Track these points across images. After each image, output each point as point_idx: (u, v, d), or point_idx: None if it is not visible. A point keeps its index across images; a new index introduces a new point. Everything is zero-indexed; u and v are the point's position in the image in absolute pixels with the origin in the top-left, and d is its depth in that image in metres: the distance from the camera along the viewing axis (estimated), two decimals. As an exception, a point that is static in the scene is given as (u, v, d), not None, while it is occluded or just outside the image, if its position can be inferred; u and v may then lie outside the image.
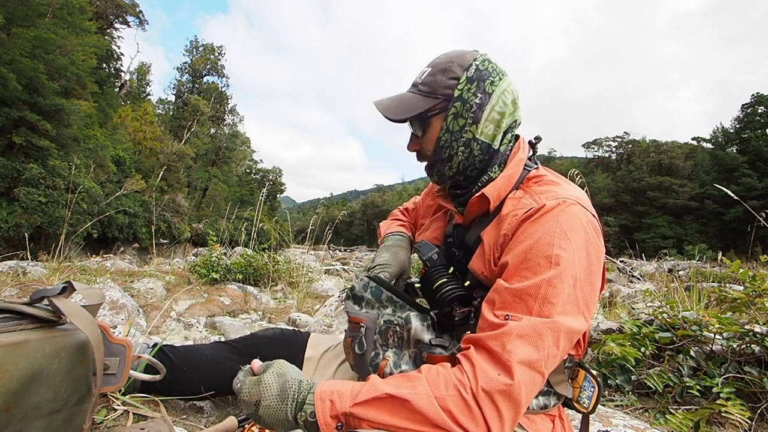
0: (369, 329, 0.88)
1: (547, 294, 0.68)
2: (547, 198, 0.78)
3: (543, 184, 0.85)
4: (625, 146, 53.87)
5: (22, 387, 0.65)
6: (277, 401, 0.69)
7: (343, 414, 0.67)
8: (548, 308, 0.68)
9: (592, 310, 0.75)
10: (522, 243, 0.75)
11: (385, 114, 0.88)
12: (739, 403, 1.45)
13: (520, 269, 0.72)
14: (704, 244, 28.22)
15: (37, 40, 15.85)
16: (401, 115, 0.87)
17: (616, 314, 2.84)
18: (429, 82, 0.87)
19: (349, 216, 65.71)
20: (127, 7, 29.04)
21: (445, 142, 0.87)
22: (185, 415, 1.14)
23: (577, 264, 0.72)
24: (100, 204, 16.55)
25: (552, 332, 0.67)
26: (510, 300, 0.70)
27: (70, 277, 2.81)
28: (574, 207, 0.76)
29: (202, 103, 35.71)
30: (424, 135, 0.90)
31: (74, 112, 17.29)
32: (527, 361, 0.65)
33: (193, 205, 30.97)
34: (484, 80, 0.85)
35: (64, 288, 0.75)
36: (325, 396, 0.69)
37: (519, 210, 0.80)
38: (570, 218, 0.74)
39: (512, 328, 0.66)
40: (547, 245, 0.71)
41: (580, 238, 0.73)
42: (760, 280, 1.93)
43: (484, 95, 0.85)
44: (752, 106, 43.63)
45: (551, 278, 0.69)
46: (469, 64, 0.86)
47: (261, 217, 5.02)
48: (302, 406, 0.68)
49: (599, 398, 0.87)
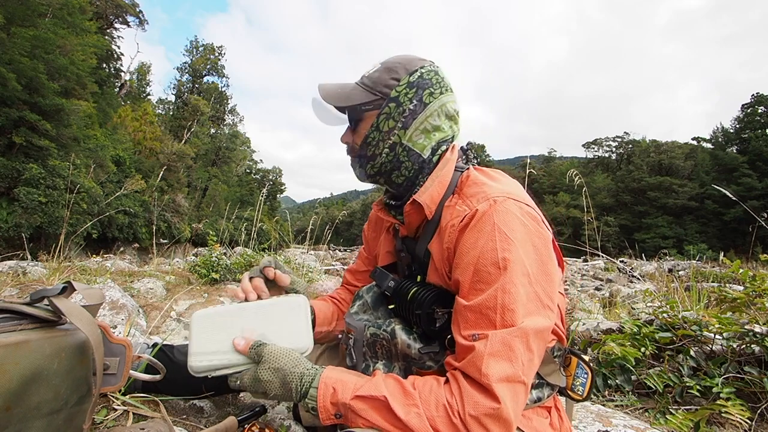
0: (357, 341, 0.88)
1: (504, 302, 0.68)
2: (478, 200, 0.77)
3: (472, 185, 0.84)
4: (625, 146, 53.89)
5: (22, 387, 0.64)
6: (282, 391, 0.74)
7: (342, 404, 0.69)
8: (510, 316, 0.67)
9: (554, 299, 0.75)
10: (466, 255, 0.74)
11: (325, 98, 0.87)
12: (739, 403, 1.45)
13: (473, 283, 0.72)
14: (704, 244, 28.24)
15: (37, 39, 15.85)
16: (338, 102, 0.87)
17: (616, 314, 2.83)
18: (373, 77, 0.86)
19: (349, 216, 65.65)
20: (127, 7, 29.04)
21: (372, 140, 0.86)
22: (185, 415, 1.14)
23: (526, 260, 0.71)
24: (100, 204, 16.55)
25: (521, 339, 0.67)
26: (472, 318, 0.70)
27: (70, 277, 2.81)
28: (505, 203, 0.75)
29: (202, 103, 35.72)
30: (356, 128, 0.89)
31: (74, 112, 17.30)
32: (505, 377, 0.65)
33: (193, 205, 30.96)
34: (424, 89, 0.84)
35: (64, 288, 0.75)
36: (330, 382, 0.72)
37: (455, 219, 0.79)
38: (505, 216, 0.73)
39: (481, 350, 0.66)
40: (491, 251, 0.71)
41: (520, 233, 0.73)
42: (760, 280, 1.93)
43: (419, 103, 0.84)
44: (752, 106, 43.65)
45: (504, 284, 0.68)
46: (414, 70, 0.85)
47: (261, 217, 5.01)
48: (306, 395, 0.72)
49: (593, 384, 0.87)
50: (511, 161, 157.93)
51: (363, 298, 0.95)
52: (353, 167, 0.94)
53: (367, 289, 0.95)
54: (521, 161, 56.41)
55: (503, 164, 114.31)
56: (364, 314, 0.92)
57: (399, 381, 0.71)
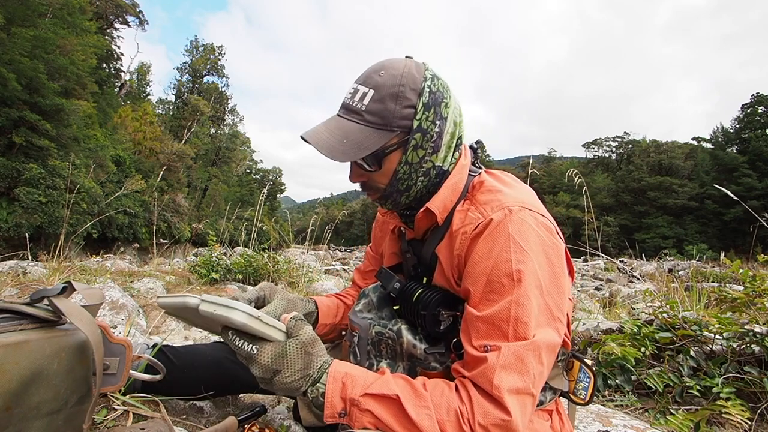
0: (361, 339, 0.88)
1: (518, 315, 0.67)
2: (492, 209, 0.75)
3: (486, 191, 0.81)
4: (625, 146, 53.92)
5: (22, 387, 0.64)
6: (298, 376, 0.68)
7: (350, 399, 0.67)
8: (523, 329, 0.67)
9: (564, 311, 0.74)
10: (478, 264, 0.73)
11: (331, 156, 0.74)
12: (739, 403, 1.45)
13: (486, 293, 0.71)
14: (704, 244, 28.24)
15: (37, 39, 15.85)
16: (353, 156, 0.75)
17: (616, 314, 2.83)
18: (379, 112, 0.76)
19: (349, 216, 65.68)
20: (127, 7, 29.05)
21: (403, 174, 0.81)
22: (185, 415, 1.14)
23: (539, 273, 0.70)
24: (100, 204, 16.56)
25: (533, 353, 0.67)
26: (483, 329, 0.69)
27: (70, 277, 2.81)
28: (520, 213, 0.73)
29: (202, 103, 35.74)
30: (378, 170, 0.82)
31: (74, 112, 17.32)
32: (515, 390, 0.65)
33: (193, 205, 30.97)
34: (439, 104, 0.79)
35: (64, 288, 0.75)
36: (339, 376, 0.70)
37: (467, 226, 0.77)
38: (520, 227, 0.72)
39: (494, 362, 0.65)
40: (506, 263, 0.70)
41: (535, 244, 0.72)
42: (760, 280, 1.93)
43: (442, 121, 0.80)
44: (752, 106, 43.67)
45: (518, 297, 0.68)
46: (421, 88, 0.78)
47: (261, 217, 5.01)
48: (316, 383, 0.69)
49: (595, 388, 0.87)
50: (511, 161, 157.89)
51: (368, 297, 0.94)
52: (381, 203, 0.88)
53: (372, 288, 0.95)
54: (521, 161, 55.95)
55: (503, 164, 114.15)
56: (369, 313, 0.92)
57: (409, 381, 0.70)
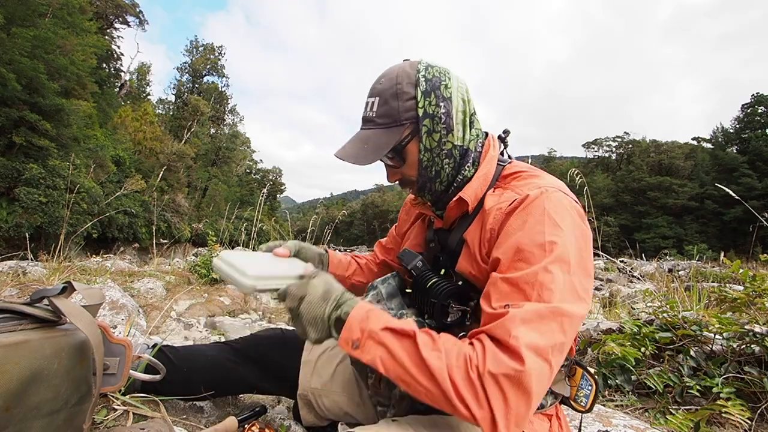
0: None
1: (544, 280, 0.67)
2: (530, 188, 0.78)
3: (522, 179, 0.84)
4: (625, 146, 53.87)
5: (22, 387, 0.64)
6: (319, 299, 0.73)
7: (369, 331, 0.68)
8: (547, 294, 0.66)
9: (589, 294, 0.74)
10: (511, 236, 0.74)
11: (356, 162, 0.84)
12: (739, 403, 1.45)
13: (514, 261, 0.71)
14: (704, 244, 28.21)
15: (37, 39, 15.85)
16: (374, 157, 0.83)
17: (616, 314, 2.83)
18: (386, 113, 0.83)
19: (349, 216, 65.69)
20: (127, 7, 29.06)
21: (427, 161, 0.85)
22: (185, 415, 1.14)
23: (569, 249, 0.70)
24: (100, 204, 16.56)
25: (555, 318, 0.65)
26: (507, 290, 0.69)
27: (70, 277, 2.81)
28: (557, 194, 0.76)
29: (202, 103, 35.73)
30: (403, 164, 0.88)
31: (74, 112, 17.33)
32: (534, 346, 0.62)
33: (193, 205, 30.97)
34: (438, 87, 0.83)
35: (64, 288, 0.76)
36: (366, 306, 0.72)
37: (503, 203, 0.79)
38: (556, 205, 0.74)
39: (515, 314, 0.64)
40: (539, 234, 0.71)
41: (569, 223, 0.73)
42: (760, 280, 1.93)
43: (446, 102, 0.84)
44: (752, 106, 43.63)
45: (547, 265, 0.68)
46: (416, 79, 0.83)
47: (261, 217, 5.01)
48: (339, 307, 0.72)
49: (597, 397, 0.87)
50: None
51: (377, 289, 0.95)
52: (420, 195, 0.93)
53: (381, 281, 0.96)
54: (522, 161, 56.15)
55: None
56: (378, 304, 0.92)
57: (426, 329, 0.70)
